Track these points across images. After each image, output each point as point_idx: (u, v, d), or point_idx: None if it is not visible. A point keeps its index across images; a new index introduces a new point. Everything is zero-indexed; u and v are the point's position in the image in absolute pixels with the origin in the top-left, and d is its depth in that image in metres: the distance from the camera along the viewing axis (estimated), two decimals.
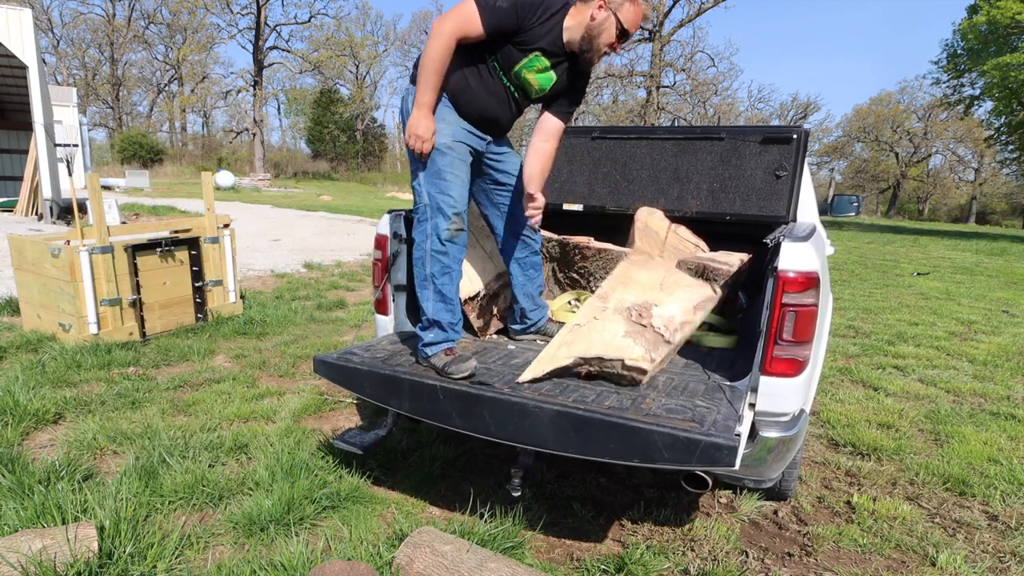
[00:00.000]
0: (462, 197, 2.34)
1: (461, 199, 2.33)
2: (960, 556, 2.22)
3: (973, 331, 5.97)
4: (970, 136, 44.56)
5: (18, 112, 14.48)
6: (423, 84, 2.18)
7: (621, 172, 3.68)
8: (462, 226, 2.34)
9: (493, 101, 2.33)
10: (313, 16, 44.31)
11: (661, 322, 2.13)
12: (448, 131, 2.30)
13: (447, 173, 2.29)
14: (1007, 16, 22.96)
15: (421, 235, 2.35)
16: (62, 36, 44.20)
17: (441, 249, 2.32)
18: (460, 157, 2.33)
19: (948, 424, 3.47)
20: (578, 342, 2.20)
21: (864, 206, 8.62)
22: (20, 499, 2.19)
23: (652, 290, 2.26)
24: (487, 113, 2.35)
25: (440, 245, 2.32)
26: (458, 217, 2.32)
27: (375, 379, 2.23)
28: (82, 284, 4.01)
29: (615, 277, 2.35)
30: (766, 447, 1.97)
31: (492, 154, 2.52)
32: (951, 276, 10.17)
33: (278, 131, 59.41)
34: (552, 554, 2.18)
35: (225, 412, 3.19)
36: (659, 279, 2.30)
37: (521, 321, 2.78)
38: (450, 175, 2.29)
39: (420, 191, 2.33)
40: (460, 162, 2.33)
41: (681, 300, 2.19)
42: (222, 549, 2.08)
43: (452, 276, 2.37)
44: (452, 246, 2.33)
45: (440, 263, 2.34)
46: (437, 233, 2.31)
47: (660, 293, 2.24)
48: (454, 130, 2.31)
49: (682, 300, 2.18)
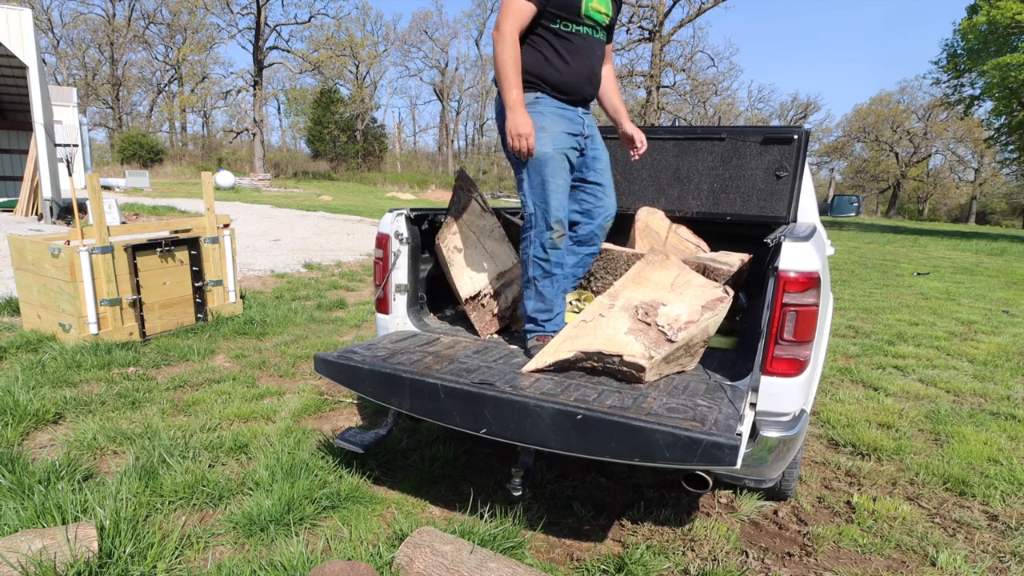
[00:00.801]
0: (562, 205, 2.43)
1: (561, 207, 2.43)
2: (960, 556, 2.22)
3: (973, 331, 5.97)
4: (970, 136, 44.60)
5: (18, 112, 14.48)
6: (505, 85, 2.26)
7: (621, 172, 3.68)
8: (563, 232, 2.45)
9: (579, 59, 2.38)
10: (313, 16, 44.47)
11: (666, 321, 2.14)
12: (548, 140, 2.36)
13: (549, 183, 2.38)
14: (1007, 16, 22.97)
15: (526, 241, 2.51)
16: (62, 36, 44.26)
17: (544, 256, 2.47)
18: (560, 165, 2.40)
19: (948, 424, 3.47)
20: (582, 337, 2.23)
21: (864, 206, 8.62)
22: (20, 499, 2.19)
23: (662, 290, 2.27)
24: (581, 73, 2.40)
25: (543, 252, 2.46)
26: (559, 224, 2.43)
27: (376, 378, 2.23)
28: (82, 284, 4.01)
29: (628, 276, 2.37)
30: (767, 447, 1.97)
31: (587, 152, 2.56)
32: (951, 276, 10.18)
33: (278, 131, 59.52)
34: (552, 554, 2.18)
35: (225, 412, 3.19)
36: (671, 279, 2.30)
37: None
38: (552, 184, 2.38)
39: (525, 201, 2.46)
40: (560, 170, 2.40)
41: (690, 300, 2.19)
42: (222, 549, 2.08)
43: (553, 279, 2.51)
44: (554, 252, 2.47)
45: (541, 268, 2.49)
46: (541, 241, 2.45)
47: (670, 293, 2.24)
48: (553, 138, 2.37)
49: (691, 300, 2.18)
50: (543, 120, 2.36)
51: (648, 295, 2.27)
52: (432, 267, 3.05)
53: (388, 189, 35.40)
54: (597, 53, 2.46)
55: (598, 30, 2.43)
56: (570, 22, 2.32)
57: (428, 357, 2.38)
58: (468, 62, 59.33)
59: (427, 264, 3.01)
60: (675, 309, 2.17)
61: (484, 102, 55.06)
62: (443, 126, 56.30)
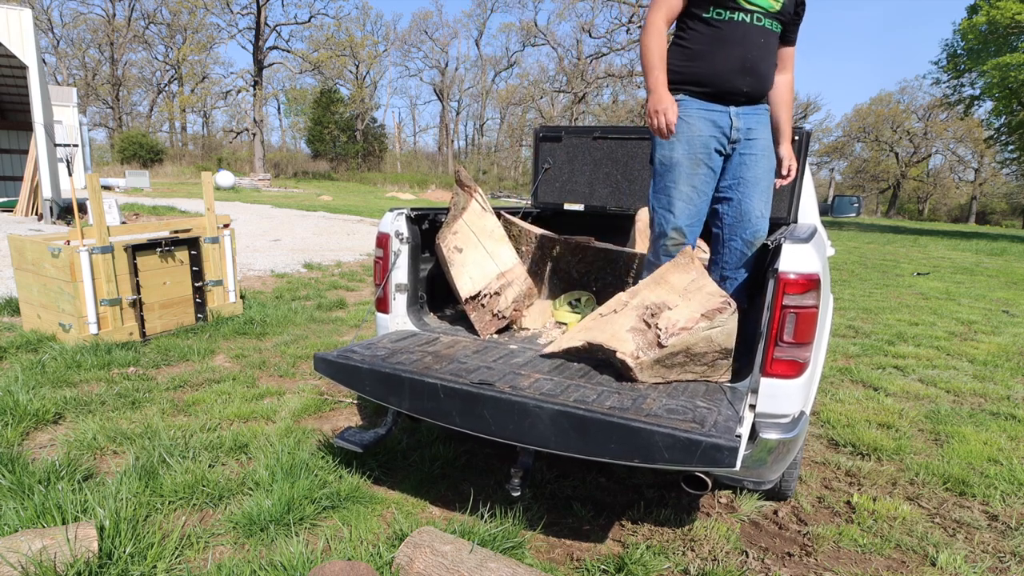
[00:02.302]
0: (684, 213, 2.39)
1: (684, 215, 2.39)
2: (960, 556, 2.22)
3: (973, 331, 5.97)
4: (970, 136, 44.59)
5: (18, 112, 14.48)
6: (647, 69, 2.27)
7: (622, 172, 3.68)
8: (682, 240, 2.44)
9: (728, 47, 2.26)
10: (313, 16, 44.51)
11: (665, 324, 2.14)
12: (680, 147, 2.32)
13: (671, 189, 2.37)
14: (1007, 16, 22.97)
15: (651, 242, 2.53)
16: (62, 36, 44.26)
17: (655, 262, 2.50)
18: (687, 172, 2.34)
19: (948, 424, 3.47)
20: (594, 329, 2.29)
21: (864, 206, 8.62)
22: (20, 499, 2.19)
23: (675, 293, 2.24)
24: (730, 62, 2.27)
25: (655, 259, 2.48)
26: (677, 232, 2.42)
27: (376, 377, 2.23)
28: (82, 284, 4.01)
29: (652, 276, 2.37)
30: (766, 448, 1.97)
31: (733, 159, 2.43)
32: (951, 276, 10.18)
33: (278, 131, 59.50)
34: (552, 554, 2.18)
35: (225, 412, 3.19)
36: (686, 283, 2.28)
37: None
38: (674, 191, 2.36)
39: (651, 204, 2.46)
40: (689, 176, 2.35)
41: (693, 306, 2.17)
42: (222, 549, 2.08)
43: None
44: (667, 258, 2.46)
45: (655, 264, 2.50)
46: (656, 247, 2.46)
47: (680, 297, 2.23)
48: (688, 142, 2.32)
49: (694, 306, 2.17)
50: (680, 125, 2.31)
51: (661, 297, 2.25)
52: (432, 267, 3.05)
53: (388, 189, 35.40)
54: (758, 41, 2.27)
55: (763, 18, 2.26)
56: (724, 9, 2.22)
57: (428, 357, 2.38)
58: (468, 62, 59.40)
59: (427, 264, 3.01)
60: (677, 314, 2.17)
61: (484, 102, 55.09)
62: (443, 126, 56.31)
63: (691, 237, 2.43)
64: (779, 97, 2.50)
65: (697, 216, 2.42)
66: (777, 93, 2.49)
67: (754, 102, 2.39)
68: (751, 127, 2.39)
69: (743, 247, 2.48)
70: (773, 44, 2.35)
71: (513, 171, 49.65)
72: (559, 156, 3.89)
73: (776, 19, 2.32)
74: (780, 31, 2.37)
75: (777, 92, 2.48)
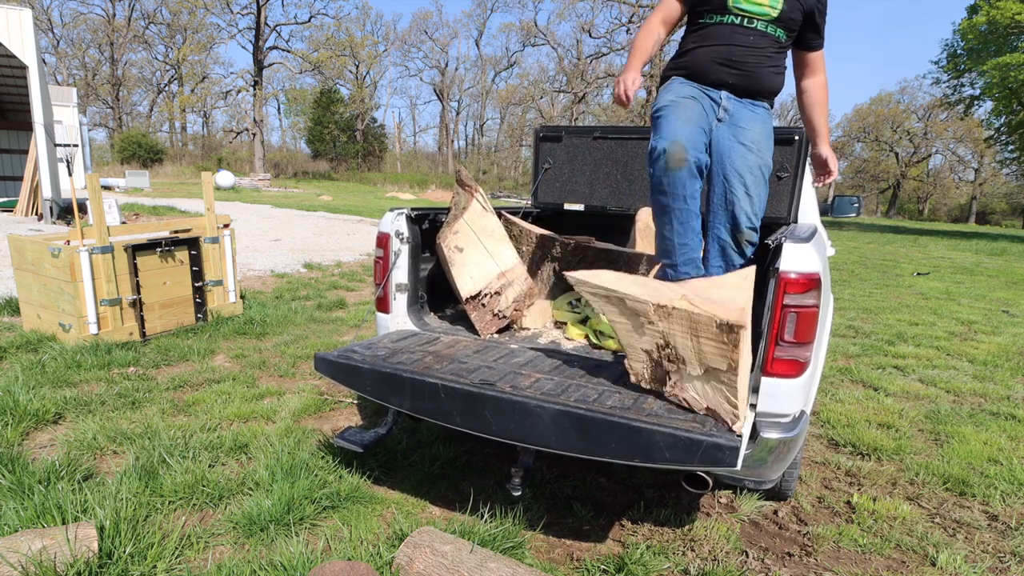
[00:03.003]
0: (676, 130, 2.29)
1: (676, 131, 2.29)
2: (960, 556, 2.22)
3: (973, 331, 5.97)
4: (970, 136, 44.62)
5: (18, 112, 14.47)
6: (630, 54, 2.48)
7: (622, 172, 3.68)
8: (684, 157, 2.26)
9: (713, 43, 2.38)
10: (313, 16, 44.53)
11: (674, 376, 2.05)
12: (667, 97, 2.41)
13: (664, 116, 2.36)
14: (1007, 16, 22.98)
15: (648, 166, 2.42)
16: (62, 36, 44.28)
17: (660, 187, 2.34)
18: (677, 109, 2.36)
19: (948, 424, 3.47)
20: (628, 285, 2.09)
21: (864, 206, 8.61)
22: (20, 499, 2.19)
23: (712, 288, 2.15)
24: (712, 56, 2.37)
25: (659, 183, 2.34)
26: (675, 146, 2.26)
27: (376, 377, 2.23)
28: (82, 284, 4.01)
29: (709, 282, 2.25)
30: (767, 448, 1.97)
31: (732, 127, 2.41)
32: (951, 276, 10.18)
33: (278, 131, 59.55)
34: (552, 554, 2.18)
35: (225, 412, 3.19)
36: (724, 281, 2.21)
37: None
38: (671, 117, 2.34)
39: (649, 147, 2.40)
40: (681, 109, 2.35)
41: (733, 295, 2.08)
42: (222, 549, 2.08)
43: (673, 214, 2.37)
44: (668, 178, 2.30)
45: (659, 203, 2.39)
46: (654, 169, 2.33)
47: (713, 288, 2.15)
48: (674, 96, 2.40)
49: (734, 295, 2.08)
50: (666, 92, 2.43)
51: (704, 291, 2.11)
52: (433, 266, 3.05)
53: (388, 189, 35.41)
54: (746, 40, 2.35)
55: (757, 21, 2.33)
56: (715, 13, 2.37)
57: (428, 356, 2.37)
58: (468, 62, 59.43)
59: (428, 263, 3.01)
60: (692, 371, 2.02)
61: (484, 102, 55.10)
62: (443, 126, 56.33)
63: (692, 152, 2.27)
64: (812, 98, 2.59)
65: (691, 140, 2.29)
66: (809, 95, 2.59)
67: (746, 96, 2.42)
68: (741, 114, 2.41)
69: (725, 244, 2.45)
70: (771, 46, 2.38)
71: (513, 171, 49.68)
72: (559, 156, 3.90)
73: (778, 25, 2.35)
74: (786, 36, 2.40)
75: (809, 94, 2.59)
